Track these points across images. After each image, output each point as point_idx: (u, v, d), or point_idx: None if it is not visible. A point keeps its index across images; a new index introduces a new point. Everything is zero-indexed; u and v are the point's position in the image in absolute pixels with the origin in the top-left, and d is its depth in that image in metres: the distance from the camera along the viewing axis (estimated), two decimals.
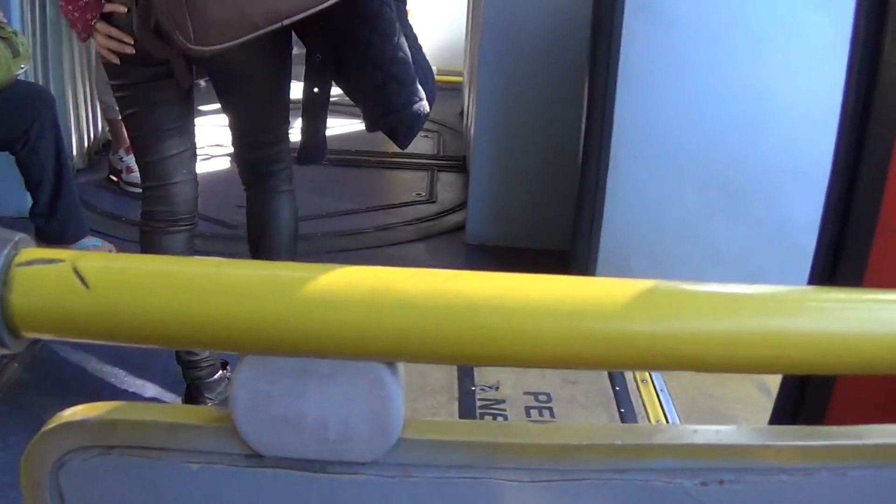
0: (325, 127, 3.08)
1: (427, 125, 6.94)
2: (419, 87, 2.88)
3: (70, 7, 2.79)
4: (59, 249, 0.90)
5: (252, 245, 3.32)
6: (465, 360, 0.81)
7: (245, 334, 0.84)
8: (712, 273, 4.09)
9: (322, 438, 0.90)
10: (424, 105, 2.90)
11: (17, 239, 0.86)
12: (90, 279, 0.85)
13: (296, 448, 0.91)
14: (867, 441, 0.96)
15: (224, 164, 5.84)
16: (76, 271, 0.86)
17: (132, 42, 2.76)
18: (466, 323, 0.82)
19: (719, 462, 0.93)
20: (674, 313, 0.87)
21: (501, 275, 0.86)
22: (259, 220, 3.27)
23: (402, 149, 3.13)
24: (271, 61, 3.01)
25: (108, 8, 2.76)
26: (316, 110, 3.03)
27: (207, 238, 4.61)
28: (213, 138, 5.86)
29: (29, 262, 0.86)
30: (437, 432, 0.91)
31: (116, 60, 2.81)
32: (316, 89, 2.97)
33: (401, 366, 0.88)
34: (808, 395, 2.21)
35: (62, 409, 0.99)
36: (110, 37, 2.77)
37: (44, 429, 0.98)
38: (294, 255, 3.31)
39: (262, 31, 2.56)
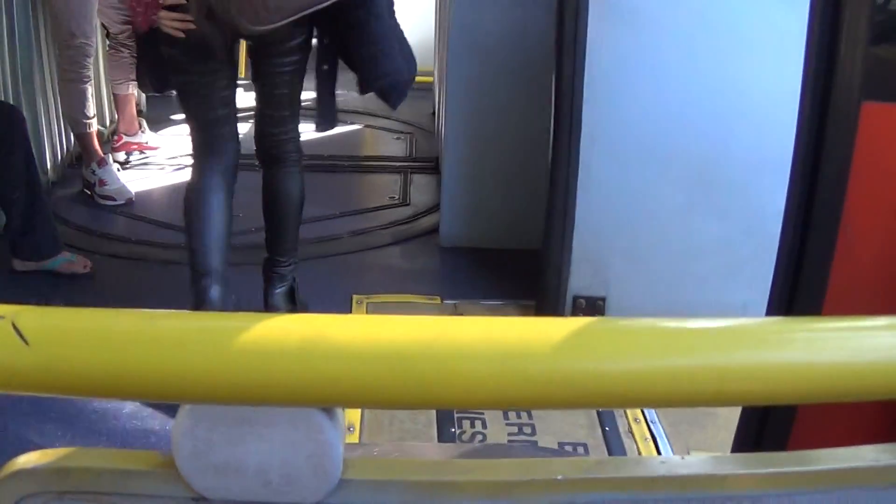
0: (335, 97, 3.82)
1: (399, 126, 7.01)
2: (400, 58, 3.61)
3: (134, 4, 3.46)
4: None
5: (266, 212, 4.05)
6: (400, 405, 0.82)
7: (182, 385, 0.85)
8: (689, 268, 4.10)
9: (265, 481, 0.91)
10: (404, 73, 3.62)
11: None
12: (29, 335, 0.86)
13: (240, 491, 0.92)
14: (814, 467, 0.96)
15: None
16: (15, 327, 0.86)
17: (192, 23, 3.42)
18: (398, 368, 0.82)
19: (664, 493, 0.94)
20: (620, 352, 0.87)
21: (432, 318, 0.86)
22: (273, 194, 3.99)
23: (394, 108, 3.85)
24: (297, 45, 3.68)
25: (170, 1, 3.40)
26: (327, 84, 3.75)
27: (178, 248, 4.58)
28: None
29: None
30: (378, 472, 0.92)
31: (182, 35, 3.41)
32: (325, 66, 3.70)
33: (339, 409, 0.89)
34: (769, 423, 2.19)
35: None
36: (175, 19, 3.43)
37: None
38: (300, 221, 4.08)
39: (299, 15, 3.28)
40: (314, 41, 3.73)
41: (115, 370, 0.85)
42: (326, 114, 3.85)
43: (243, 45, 4.26)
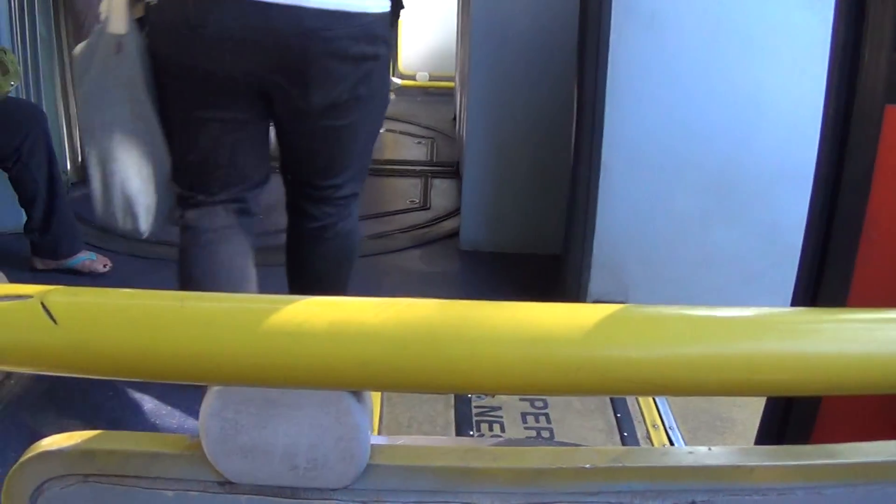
0: None
1: (420, 132, 7.02)
2: None
3: None
4: (27, 285, 0.90)
5: None
6: (429, 389, 0.81)
7: (210, 366, 0.84)
8: (708, 275, 4.09)
9: (292, 466, 0.90)
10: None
11: None
12: (58, 314, 0.86)
13: (267, 475, 0.91)
14: (842, 460, 0.95)
15: None
16: (44, 307, 0.86)
17: None
18: (429, 352, 0.82)
19: (691, 483, 0.93)
20: (647, 339, 0.86)
21: (461, 302, 0.86)
22: None
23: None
24: None
25: None
26: None
27: None
28: None
29: None
30: (407, 458, 0.91)
31: None
32: None
33: (367, 393, 0.88)
34: (793, 416, 2.17)
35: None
36: None
37: (23, 458, 0.99)
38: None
39: None
40: None
41: (144, 351, 0.85)
42: None
43: None
